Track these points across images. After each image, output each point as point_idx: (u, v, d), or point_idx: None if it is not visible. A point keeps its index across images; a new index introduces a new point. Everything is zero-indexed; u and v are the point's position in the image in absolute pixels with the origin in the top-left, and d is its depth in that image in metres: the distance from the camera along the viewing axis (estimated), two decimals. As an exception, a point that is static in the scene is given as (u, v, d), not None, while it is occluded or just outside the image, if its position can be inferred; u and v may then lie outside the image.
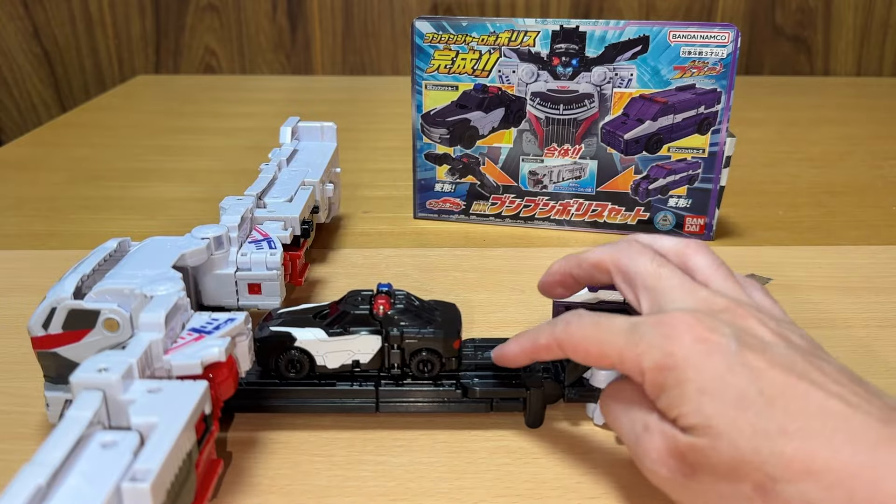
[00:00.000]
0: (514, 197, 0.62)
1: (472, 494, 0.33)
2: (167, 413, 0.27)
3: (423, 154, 0.62)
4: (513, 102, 0.59)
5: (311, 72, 1.31)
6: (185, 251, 0.38)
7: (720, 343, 0.28)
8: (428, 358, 0.37)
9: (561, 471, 0.35)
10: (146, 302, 0.32)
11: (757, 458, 0.26)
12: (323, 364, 0.37)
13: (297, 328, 0.37)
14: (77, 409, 0.26)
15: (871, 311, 0.50)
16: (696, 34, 0.55)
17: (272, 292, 0.42)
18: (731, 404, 0.27)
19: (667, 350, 0.28)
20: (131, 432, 0.26)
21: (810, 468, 0.25)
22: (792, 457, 0.26)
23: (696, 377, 0.28)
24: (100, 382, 0.27)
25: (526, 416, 0.38)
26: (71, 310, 0.33)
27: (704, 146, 0.58)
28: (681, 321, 0.29)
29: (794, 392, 0.27)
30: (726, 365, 0.28)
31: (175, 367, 0.30)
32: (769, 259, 0.57)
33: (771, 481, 0.26)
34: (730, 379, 0.27)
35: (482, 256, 0.58)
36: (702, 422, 0.27)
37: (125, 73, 1.30)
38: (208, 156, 0.83)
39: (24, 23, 1.26)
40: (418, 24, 0.59)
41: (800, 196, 0.71)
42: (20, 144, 0.88)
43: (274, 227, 0.46)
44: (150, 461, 0.25)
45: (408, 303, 0.38)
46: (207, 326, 0.33)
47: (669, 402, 0.28)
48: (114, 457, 0.25)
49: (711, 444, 0.27)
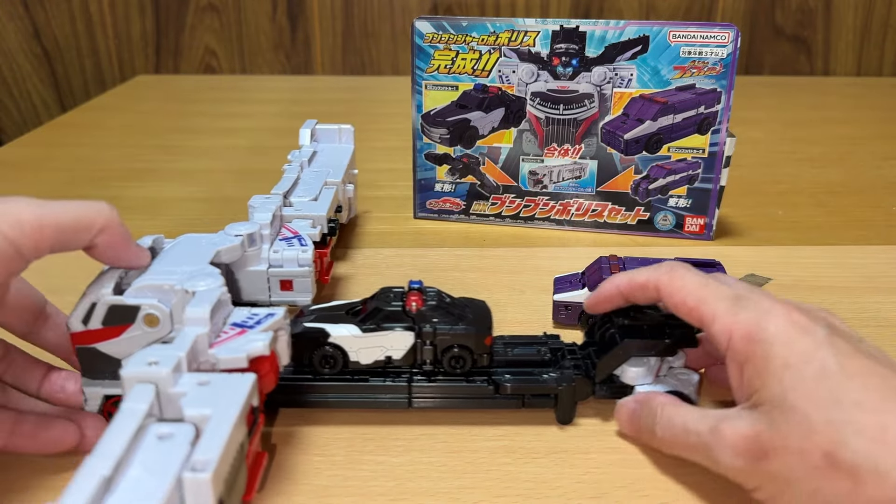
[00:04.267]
0: (514, 197, 0.62)
1: (472, 494, 0.33)
2: (220, 405, 0.28)
3: (423, 154, 0.62)
4: (513, 102, 0.59)
5: (311, 72, 1.31)
6: (220, 248, 0.39)
7: (812, 327, 0.30)
8: (460, 354, 0.37)
9: (561, 471, 0.35)
10: (187, 297, 0.33)
11: (829, 427, 0.27)
12: (356, 360, 0.38)
13: (331, 324, 0.37)
14: (132, 402, 0.27)
15: (871, 311, 0.50)
16: (696, 34, 0.55)
17: (304, 289, 0.43)
18: (811, 378, 0.28)
19: (763, 324, 0.30)
20: (186, 424, 0.27)
21: (882, 437, 0.26)
22: (865, 425, 0.27)
23: (784, 352, 0.29)
24: (151, 376, 0.28)
25: (557, 413, 0.38)
26: (111, 305, 0.33)
27: (704, 146, 0.58)
28: (781, 304, 0.31)
29: (873, 373, 0.28)
30: (815, 344, 0.29)
31: (221, 360, 0.31)
32: (769, 259, 0.57)
33: (841, 447, 0.27)
34: (815, 355, 0.29)
35: (482, 256, 0.58)
36: (779, 394, 0.29)
37: (125, 73, 1.30)
38: (208, 156, 0.83)
39: (24, 23, 1.26)
40: (418, 24, 0.59)
41: (800, 196, 0.71)
42: (20, 144, 0.88)
43: (303, 224, 0.46)
44: (208, 452, 0.25)
45: (439, 299, 0.38)
46: (249, 321, 0.33)
47: (753, 374, 0.30)
48: (171, 448, 0.26)
49: (785, 418, 0.28)
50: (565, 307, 0.46)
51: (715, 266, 0.50)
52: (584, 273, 0.47)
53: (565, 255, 0.58)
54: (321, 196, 0.51)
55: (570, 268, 0.50)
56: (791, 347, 0.29)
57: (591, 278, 0.46)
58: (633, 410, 0.36)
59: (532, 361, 0.39)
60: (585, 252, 0.58)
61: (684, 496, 0.33)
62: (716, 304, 0.32)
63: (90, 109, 1.04)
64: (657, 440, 0.34)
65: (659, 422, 0.34)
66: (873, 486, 0.26)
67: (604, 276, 0.44)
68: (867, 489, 0.26)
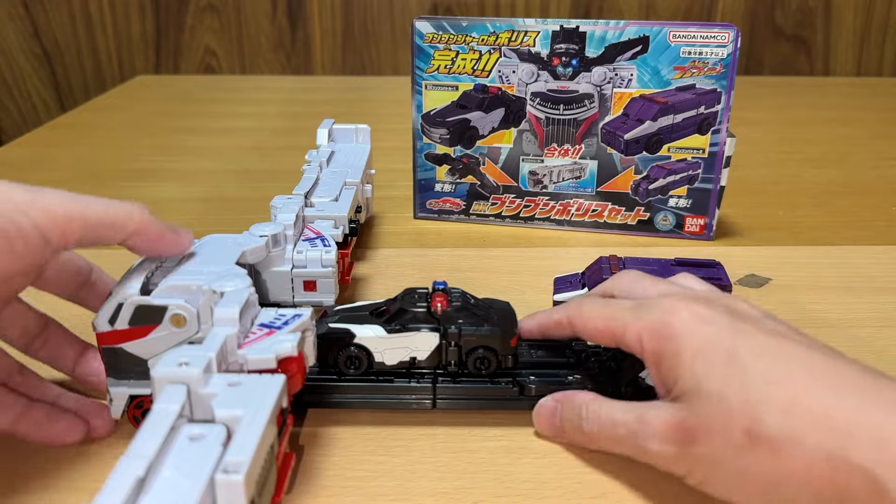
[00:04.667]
0: (514, 197, 0.62)
1: (472, 494, 0.33)
2: (250, 406, 0.28)
3: (423, 154, 0.62)
4: (513, 102, 0.59)
5: (311, 72, 1.31)
6: (245, 248, 0.39)
7: (713, 315, 0.31)
8: (485, 355, 0.37)
9: (561, 471, 0.35)
10: (214, 298, 0.33)
11: (746, 407, 0.28)
12: (381, 361, 0.38)
13: (356, 325, 0.37)
14: (164, 403, 0.27)
15: (871, 311, 0.50)
16: (696, 34, 0.55)
17: (327, 289, 0.43)
18: (721, 363, 0.30)
19: (666, 321, 0.32)
20: (217, 425, 0.27)
21: (795, 408, 0.27)
22: (778, 399, 0.28)
23: (691, 343, 0.30)
24: (182, 376, 0.28)
25: None
26: (138, 306, 0.33)
27: (704, 146, 0.58)
28: (680, 300, 0.33)
29: (780, 349, 0.30)
30: (718, 330, 0.31)
31: (250, 361, 0.31)
32: (769, 259, 0.57)
33: (758, 423, 0.28)
34: (721, 341, 0.30)
35: (482, 256, 0.58)
36: (694, 384, 0.30)
37: (125, 73, 1.30)
38: (208, 156, 0.83)
39: (24, 23, 1.26)
40: (418, 24, 0.59)
41: (800, 196, 0.71)
42: (20, 144, 0.88)
43: (325, 225, 0.47)
44: (240, 453, 0.25)
45: (464, 300, 0.38)
46: (276, 322, 0.33)
47: (668, 370, 0.31)
48: (203, 449, 0.26)
49: (704, 404, 0.29)
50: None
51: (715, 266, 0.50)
52: (584, 273, 0.47)
53: (565, 256, 0.58)
54: (342, 196, 0.51)
55: (570, 268, 0.50)
56: (696, 338, 0.31)
57: (591, 278, 0.46)
58: (553, 409, 0.36)
59: (556, 363, 0.39)
60: (585, 252, 0.58)
61: (684, 497, 0.33)
62: (622, 317, 0.34)
63: (90, 109, 1.04)
64: (583, 435, 0.35)
65: (586, 417, 0.34)
66: (792, 455, 0.27)
67: (604, 276, 0.44)
68: (788, 458, 0.27)
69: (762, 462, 0.28)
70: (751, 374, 0.29)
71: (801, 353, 0.29)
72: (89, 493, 0.33)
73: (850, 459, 0.26)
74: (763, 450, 0.28)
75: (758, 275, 0.54)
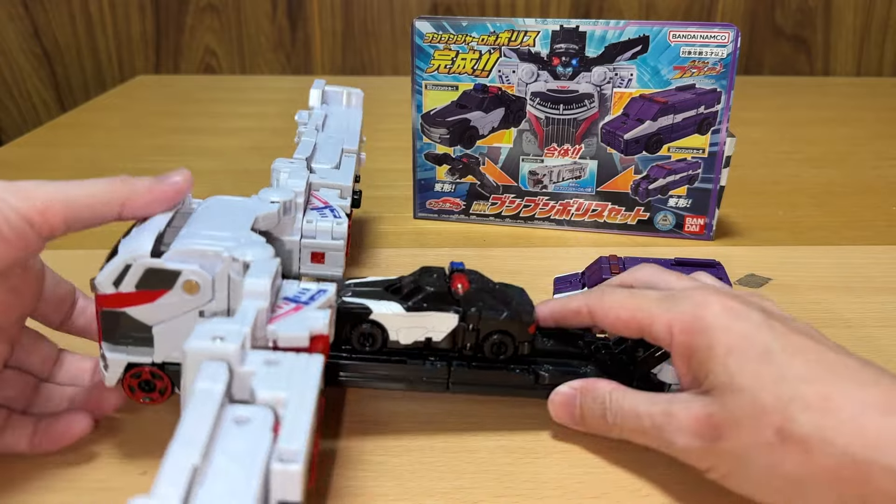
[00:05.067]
0: (514, 197, 0.62)
1: (472, 494, 0.33)
2: (294, 387, 0.26)
3: (423, 154, 0.62)
4: (513, 102, 0.59)
5: (311, 72, 1.30)
6: (258, 214, 0.36)
7: (747, 311, 0.31)
8: (502, 340, 0.37)
9: (561, 471, 0.35)
10: (234, 266, 0.31)
11: (779, 404, 0.28)
12: (396, 339, 0.36)
13: (372, 300, 0.36)
14: (207, 382, 0.25)
15: (871, 311, 0.50)
16: (696, 34, 0.55)
17: (335, 262, 0.41)
18: (755, 359, 0.29)
19: (698, 315, 0.31)
20: (262, 408, 0.25)
21: (827, 407, 0.27)
22: (810, 399, 0.28)
23: (725, 338, 0.30)
24: (221, 352, 0.26)
25: None
26: (149, 268, 0.30)
27: (704, 146, 0.58)
28: (711, 293, 0.32)
29: (812, 350, 0.30)
30: (753, 326, 0.30)
31: (282, 337, 0.29)
32: (769, 259, 0.57)
33: (790, 422, 0.28)
34: (756, 337, 0.30)
35: (482, 256, 0.58)
36: (727, 379, 0.30)
37: (125, 73, 1.30)
38: (208, 156, 0.83)
39: (24, 23, 1.26)
40: (418, 24, 0.59)
41: (800, 196, 0.71)
42: (20, 144, 0.88)
43: (331, 194, 0.44)
44: (294, 441, 0.24)
45: (482, 283, 0.37)
46: (301, 296, 0.31)
47: (699, 364, 0.31)
48: (252, 434, 0.24)
49: (735, 400, 0.29)
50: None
51: (715, 266, 0.50)
52: (584, 273, 0.47)
53: (565, 255, 0.58)
54: (343, 164, 0.48)
55: (570, 268, 0.50)
56: (731, 333, 0.30)
57: (591, 278, 0.46)
58: (572, 397, 0.36)
59: (570, 354, 0.39)
60: (585, 252, 0.58)
61: (685, 496, 0.33)
62: (650, 308, 0.33)
63: (90, 109, 1.04)
64: (606, 426, 0.34)
65: (610, 408, 0.34)
66: (823, 454, 0.27)
67: (604, 276, 0.44)
68: (818, 458, 0.27)
69: (792, 460, 0.28)
70: (785, 372, 0.29)
71: (831, 354, 0.30)
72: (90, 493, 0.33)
73: (877, 461, 0.26)
74: (793, 448, 0.28)
75: (758, 275, 0.54)
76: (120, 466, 0.34)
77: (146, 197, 0.32)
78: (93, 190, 0.31)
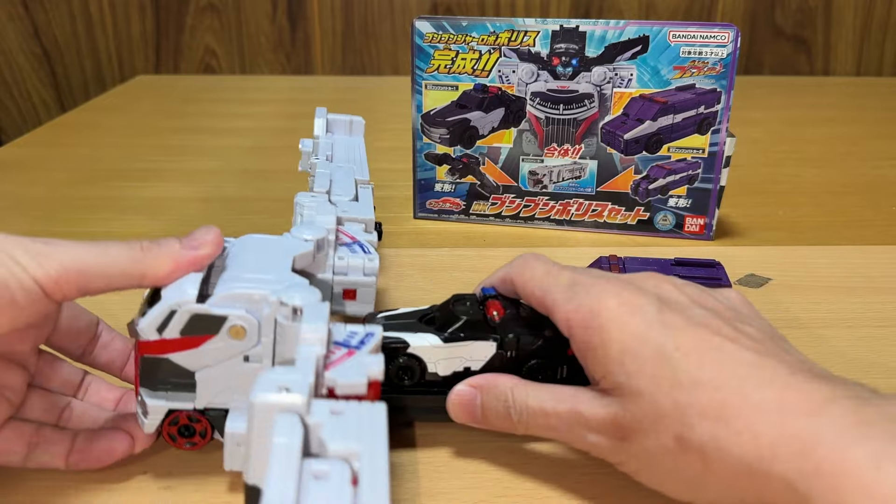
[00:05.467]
0: (514, 197, 0.62)
1: (472, 494, 0.33)
2: (365, 439, 0.25)
3: (423, 154, 0.62)
4: (513, 102, 0.59)
5: (311, 72, 1.31)
6: (296, 254, 0.35)
7: (642, 305, 0.30)
8: (540, 365, 0.36)
9: (561, 471, 0.35)
10: (282, 310, 0.30)
11: (675, 411, 0.28)
12: (434, 371, 0.36)
13: (408, 333, 0.36)
14: (284, 437, 0.25)
15: (871, 311, 0.50)
16: (696, 34, 0.55)
17: (367, 299, 0.40)
18: (650, 361, 0.29)
19: (595, 310, 0.31)
20: (337, 461, 0.25)
21: (722, 415, 0.27)
22: (706, 405, 0.27)
23: (619, 336, 0.30)
24: (290, 405, 0.26)
25: None
26: (194, 314, 0.30)
27: (704, 146, 0.58)
28: (611, 286, 0.31)
29: (707, 346, 0.29)
30: (646, 324, 0.30)
31: (340, 385, 0.28)
32: (769, 259, 0.57)
33: (688, 429, 0.27)
34: (649, 337, 0.29)
35: (482, 256, 0.58)
36: (625, 381, 0.29)
37: (125, 73, 1.30)
38: (208, 156, 0.83)
39: (24, 23, 1.26)
40: (418, 24, 0.59)
41: (800, 196, 0.71)
42: (20, 144, 0.88)
43: (356, 229, 0.43)
44: (377, 497, 0.23)
45: (515, 308, 0.37)
46: (351, 340, 0.31)
47: (594, 361, 0.31)
48: (333, 490, 0.24)
49: (635, 403, 0.29)
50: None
51: (715, 266, 0.51)
52: (584, 273, 0.47)
53: (565, 255, 0.58)
54: (361, 196, 0.47)
55: (570, 268, 0.50)
56: (624, 331, 0.30)
57: (591, 278, 0.46)
58: (472, 396, 0.35)
59: None
60: (585, 252, 0.58)
61: (684, 496, 0.33)
62: (555, 293, 0.33)
63: (90, 109, 1.04)
64: (510, 423, 0.33)
65: (514, 406, 0.33)
66: (719, 464, 0.27)
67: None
68: (715, 465, 0.27)
69: (692, 468, 0.28)
70: (680, 374, 0.28)
71: (728, 350, 0.28)
72: (90, 492, 0.33)
73: (771, 472, 0.25)
74: (693, 457, 0.27)
75: (757, 275, 0.54)
76: (121, 466, 0.34)
77: (169, 268, 0.31)
78: (110, 259, 0.29)
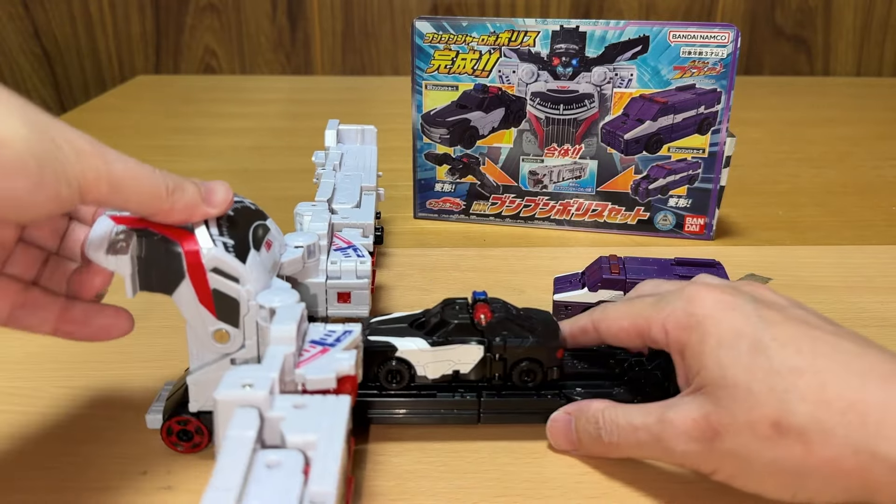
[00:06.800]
0: (514, 197, 0.62)
1: (472, 494, 0.33)
2: (323, 430, 0.26)
3: (423, 154, 0.62)
4: (513, 102, 0.59)
5: (311, 72, 1.31)
6: (283, 260, 0.37)
7: (738, 302, 0.31)
8: (530, 367, 0.36)
9: (561, 471, 0.35)
10: (261, 313, 0.32)
11: (772, 397, 0.28)
12: (423, 374, 0.37)
13: (397, 337, 0.36)
14: (239, 429, 0.26)
15: (871, 310, 0.50)
16: (696, 34, 0.55)
17: (361, 301, 0.41)
18: (745, 352, 0.29)
19: (689, 311, 0.31)
20: (293, 451, 0.26)
21: (823, 397, 0.27)
22: (805, 389, 0.27)
23: (715, 331, 0.30)
24: (250, 399, 0.27)
25: None
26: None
27: (704, 146, 0.58)
28: (703, 288, 0.32)
29: (806, 337, 0.29)
30: (744, 318, 0.30)
31: (310, 380, 0.30)
32: (769, 259, 0.57)
33: (786, 414, 0.27)
34: (746, 329, 0.30)
35: (482, 256, 0.58)
36: (719, 373, 0.29)
37: (125, 73, 1.30)
38: (208, 156, 0.83)
39: (24, 23, 1.26)
40: (418, 24, 0.59)
41: (800, 196, 0.71)
42: (20, 144, 0.87)
43: (353, 234, 0.45)
44: (325, 483, 0.24)
45: (506, 311, 0.37)
46: (327, 338, 0.32)
47: (691, 358, 0.31)
48: (283, 478, 0.25)
49: (729, 395, 0.29)
50: (565, 307, 0.46)
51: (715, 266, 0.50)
52: (584, 273, 0.47)
53: (565, 255, 0.58)
54: (363, 203, 0.49)
55: (570, 268, 0.50)
56: (721, 326, 0.30)
57: (591, 278, 0.46)
58: (567, 422, 0.35)
59: (601, 374, 0.38)
60: (585, 252, 0.58)
61: (684, 496, 0.33)
62: (646, 312, 0.33)
63: (90, 109, 1.04)
64: (603, 446, 0.34)
65: (604, 427, 0.33)
66: (822, 445, 0.27)
67: (604, 275, 0.44)
68: (817, 449, 0.27)
69: (791, 453, 0.27)
70: (777, 363, 0.28)
71: (827, 340, 0.29)
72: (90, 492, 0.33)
73: (877, 452, 0.26)
74: (792, 441, 0.27)
75: (758, 275, 0.54)
76: (120, 466, 0.34)
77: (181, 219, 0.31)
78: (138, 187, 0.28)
